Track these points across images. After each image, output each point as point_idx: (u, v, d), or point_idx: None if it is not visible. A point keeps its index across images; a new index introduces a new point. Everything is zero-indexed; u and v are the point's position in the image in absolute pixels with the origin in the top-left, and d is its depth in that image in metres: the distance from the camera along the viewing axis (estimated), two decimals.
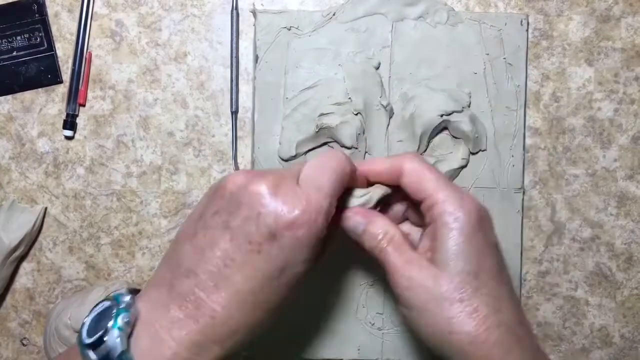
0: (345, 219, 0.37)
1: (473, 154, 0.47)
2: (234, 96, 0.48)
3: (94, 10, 0.49)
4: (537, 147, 0.48)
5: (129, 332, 0.30)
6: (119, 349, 0.30)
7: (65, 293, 0.49)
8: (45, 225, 0.49)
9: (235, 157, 0.48)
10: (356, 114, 0.46)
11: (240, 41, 0.48)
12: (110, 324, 0.30)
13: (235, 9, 0.48)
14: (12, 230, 0.47)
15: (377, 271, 0.47)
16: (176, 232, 0.37)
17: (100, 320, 0.31)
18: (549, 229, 0.48)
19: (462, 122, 0.46)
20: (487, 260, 0.34)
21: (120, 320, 0.30)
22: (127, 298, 0.32)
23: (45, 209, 0.49)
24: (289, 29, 0.47)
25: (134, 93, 0.49)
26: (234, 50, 0.48)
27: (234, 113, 0.48)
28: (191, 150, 0.49)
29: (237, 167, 0.48)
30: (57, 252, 0.49)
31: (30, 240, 0.48)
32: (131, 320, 0.31)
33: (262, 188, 0.32)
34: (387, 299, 0.47)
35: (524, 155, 0.47)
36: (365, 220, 0.37)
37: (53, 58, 0.49)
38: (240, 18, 0.48)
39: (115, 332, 0.30)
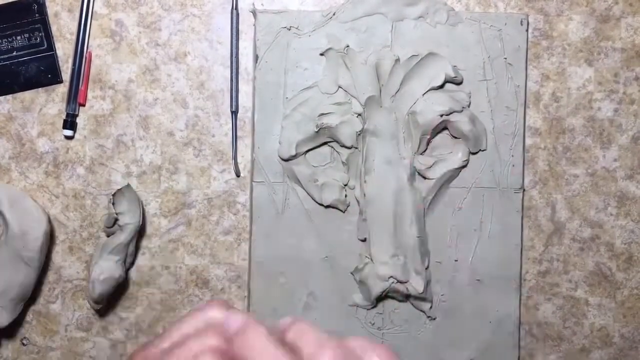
0: None
1: (473, 153, 0.47)
2: (234, 96, 0.48)
3: (94, 10, 0.49)
4: (537, 147, 0.48)
5: None
6: None
7: (65, 293, 0.49)
8: None
9: (235, 157, 0.48)
10: (357, 116, 0.46)
11: (240, 41, 0.48)
12: None
13: (235, 9, 0.48)
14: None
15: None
16: None
17: None
18: (549, 229, 0.48)
19: (462, 122, 0.46)
20: None
21: None
22: None
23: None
24: (289, 29, 0.47)
25: (134, 93, 0.49)
26: (234, 50, 0.48)
27: (234, 113, 0.48)
28: (191, 150, 0.49)
29: (237, 167, 0.48)
30: (57, 251, 0.49)
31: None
32: None
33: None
34: (387, 299, 0.47)
35: (523, 155, 0.47)
36: None
37: (53, 58, 0.49)
38: (240, 18, 0.48)
39: None
